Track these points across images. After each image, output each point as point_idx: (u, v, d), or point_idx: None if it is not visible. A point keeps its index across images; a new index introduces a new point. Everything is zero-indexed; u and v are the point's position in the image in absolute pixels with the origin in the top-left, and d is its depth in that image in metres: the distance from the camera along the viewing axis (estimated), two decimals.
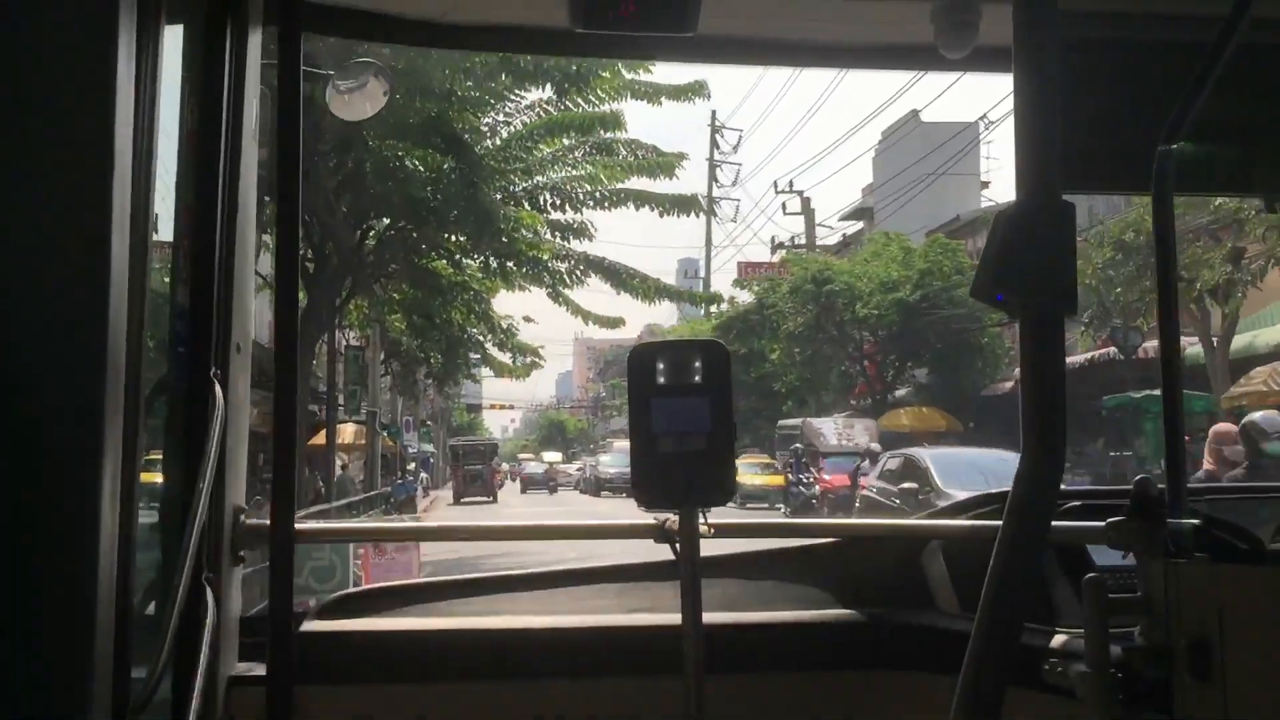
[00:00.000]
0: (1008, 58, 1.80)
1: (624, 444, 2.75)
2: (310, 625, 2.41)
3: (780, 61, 2.71)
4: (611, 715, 2.35)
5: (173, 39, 1.96)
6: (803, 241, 47.42)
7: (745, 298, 44.92)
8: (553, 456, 74.68)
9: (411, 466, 40.98)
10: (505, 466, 72.84)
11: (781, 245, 47.22)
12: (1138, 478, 2.14)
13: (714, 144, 49.35)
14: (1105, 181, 2.77)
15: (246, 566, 2.35)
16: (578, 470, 60.47)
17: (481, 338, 23.46)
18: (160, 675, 1.47)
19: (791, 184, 46.97)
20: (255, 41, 2.27)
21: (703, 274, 52.32)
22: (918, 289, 34.51)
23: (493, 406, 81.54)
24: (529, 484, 55.68)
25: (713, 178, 50.18)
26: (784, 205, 46.93)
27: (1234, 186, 2.92)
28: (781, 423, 38.04)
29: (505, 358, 25.13)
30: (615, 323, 24.03)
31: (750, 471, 33.13)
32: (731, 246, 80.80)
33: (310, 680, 2.26)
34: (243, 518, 2.25)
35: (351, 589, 3.08)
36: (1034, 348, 1.73)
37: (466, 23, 2.57)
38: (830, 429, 33.07)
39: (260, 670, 2.22)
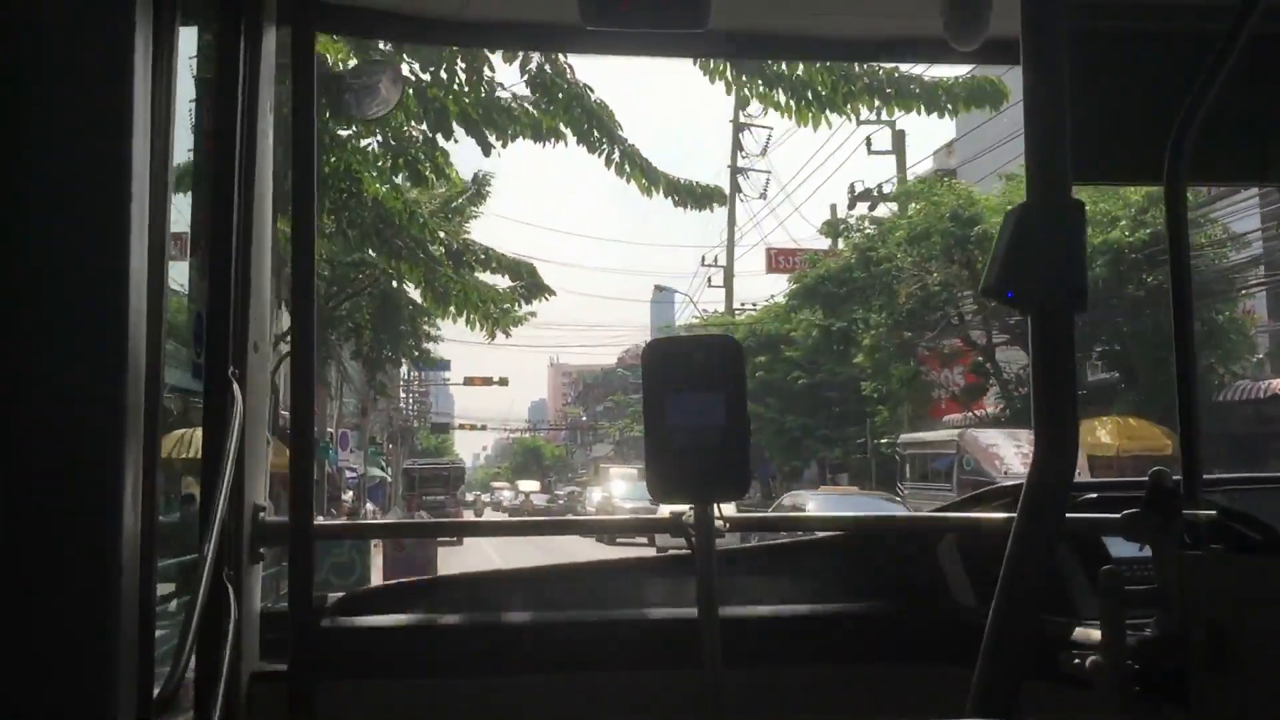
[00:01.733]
0: (1018, 50, 1.80)
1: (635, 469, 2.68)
2: (330, 621, 2.43)
3: (790, 55, 2.72)
4: (630, 708, 2.36)
5: (188, 40, 1.98)
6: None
7: (777, 284, 36.57)
8: (529, 485, 67.14)
9: (348, 497, 30.10)
10: (479, 496, 65.64)
11: (866, 195, 33.74)
12: (1153, 469, 2.14)
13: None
14: (1117, 173, 2.76)
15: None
16: (561, 500, 51.17)
17: (425, 235, 12.02)
18: (183, 672, 1.49)
19: (880, 112, 36.86)
20: (270, 42, 2.28)
21: (695, 289, 44.38)
22: (1139, 226, 20.85)
23: (462, 426, 74.49)
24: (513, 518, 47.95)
25: (737, 144, 41.04)
26: (868, 141, 34.86)
27: (1249, 176, 2.91)
28: (905, 438, 27.02)
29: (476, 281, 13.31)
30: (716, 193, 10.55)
31: None
32: (755, 230, 68.96)
33: (331, 675, 2.28)
34: (262, 515, 2.27)
35: (371, 585, 3.11)
36: (1045, 344, 1.74)
37: (480, 20, 2.57)
38: (1010, 447, 21.40)
39: (282, 666, 2.24)
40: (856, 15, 2.55)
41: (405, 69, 8.26)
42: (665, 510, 2.30)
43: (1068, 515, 1.95)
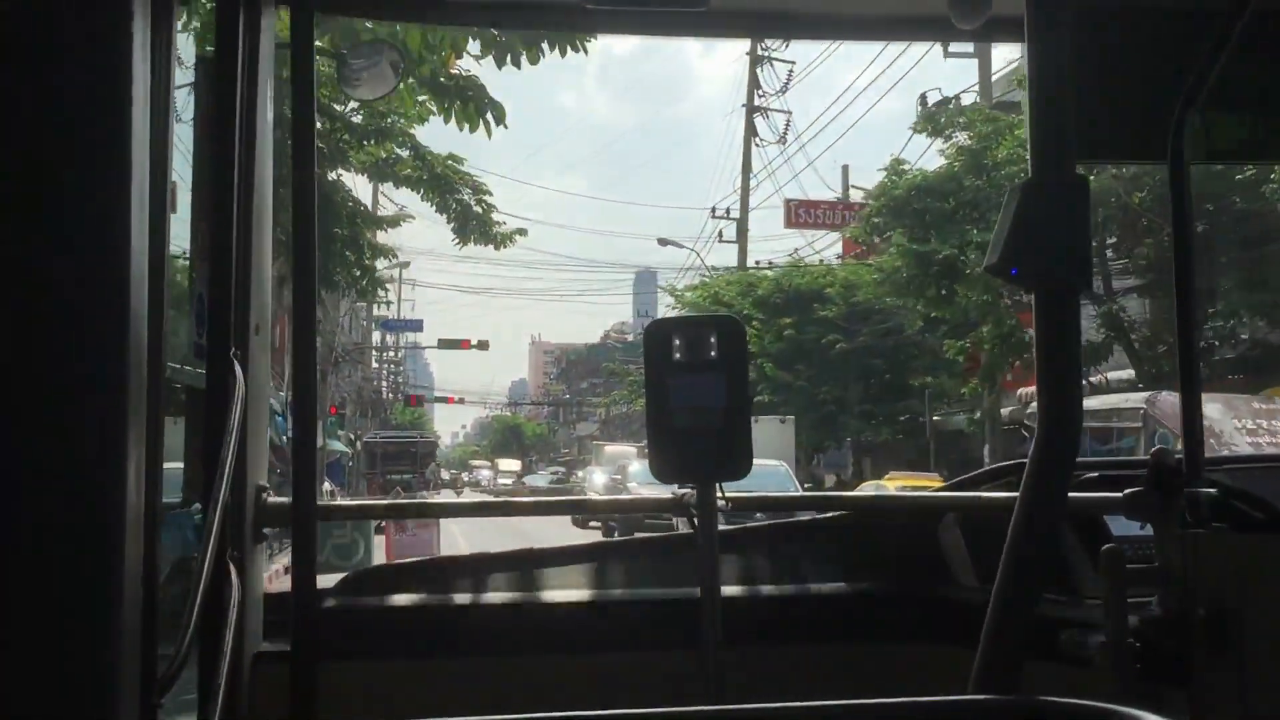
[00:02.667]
0: (1022, 28, 1.79)
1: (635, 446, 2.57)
2: (333, 602, 2.44)
3: (791, 35, 2.71)
4: (632, 688, 2.37)
5: (188, 20, 1.97)
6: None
7: (789, 242, 30.75)
8: (510, 464, 63.25)
9: None
10: (459, 475, 60.34)
11: (943, 105, 24.40)
12: (1155, 448, 2.14)
13: None
14: (1121, 151, 2.76)
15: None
16: (550, 481, 46.57)
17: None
18: (186, 654, 1.49)
19: None
20: (269, 22, 2.27)
21: (690, 265, 35.94)
22: None
23: (438, 399, 68.24)
24: None
25: (754, 83, 36.19)
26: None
27: (1252, 154, 2.90)
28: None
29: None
30: None
31: None
32: (769, 182, 56.66)
33: (334, 656, 2.29)
34: (265, 496, 2.27)
35: (373, 566, 3.12)
36: (1049, 322, 1.74)
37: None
38: (1225, 419, 14.99)
39: (285, 647, 2.25)
40: None
41: None
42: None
43: (1069, 494, 1.95)
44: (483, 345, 39.59)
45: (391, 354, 58.65)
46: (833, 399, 27.47)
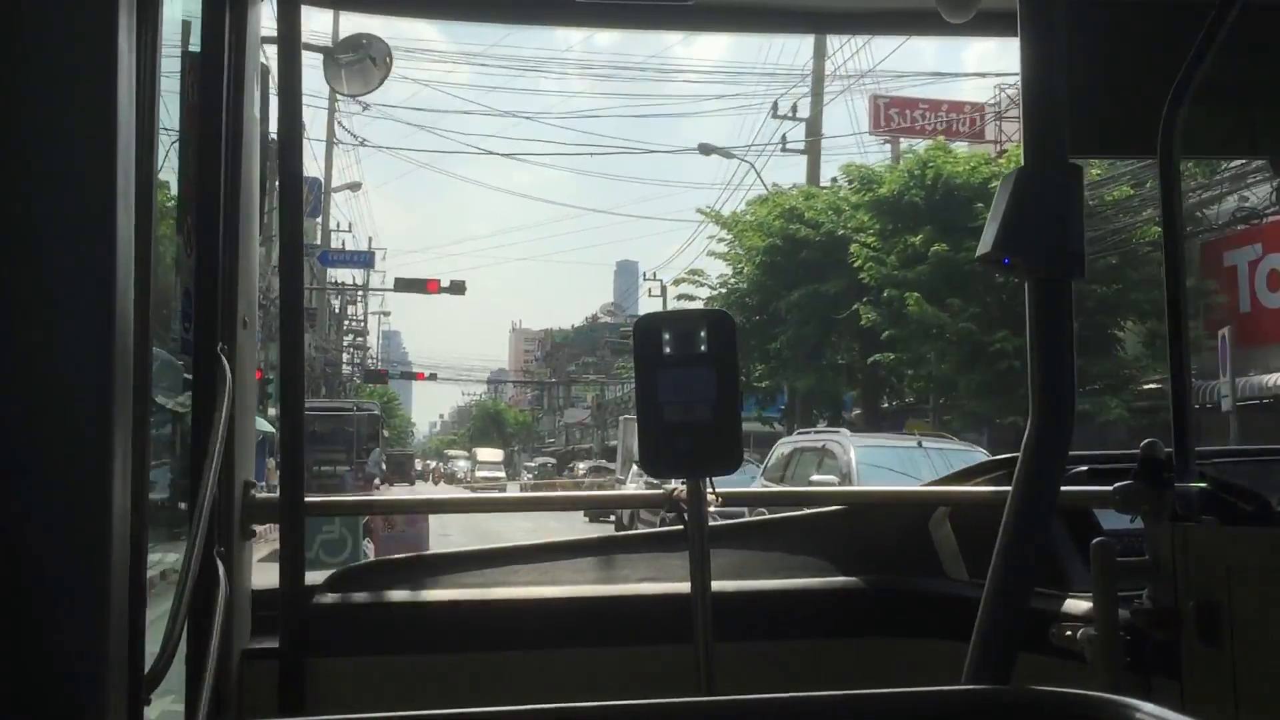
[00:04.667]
0: (1013, 22, 1.79)
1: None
2: (322, 598, 2.43)
3: (781, 29, 2.69)
4: (621, 683, 2.37)
5: (174, 12, 1.95)
6: None
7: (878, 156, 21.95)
8: (492, 454, 57.03)
9: None
10: (437, 465, 55.12)
11: None
12: (1145, 441, 2.14)
13: None
14: (1112, 145, 2.76)
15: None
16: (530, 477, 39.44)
17: None
18: (174, 650, 1.48)
19: None
20: (256, 14, 2.26)
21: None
22: None
23: (405, 374, 58.35)
24: None
25: None
26: None
27: (1241, 148, 2.91)
28: None
29: None
30: None
31: None
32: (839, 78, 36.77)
33: (322, 652, 2.28)
34: (252, 492, 2.26)
35: (362, 561, 3.10)
36: (1042, 312, 1.74)
37: None
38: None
39: (273, 643, 2.24)
40: None
41: None
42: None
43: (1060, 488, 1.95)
44: (457, 288, 31.40)
45: (354, 321, 52.18)
46: (1013, 349, 17.06)
